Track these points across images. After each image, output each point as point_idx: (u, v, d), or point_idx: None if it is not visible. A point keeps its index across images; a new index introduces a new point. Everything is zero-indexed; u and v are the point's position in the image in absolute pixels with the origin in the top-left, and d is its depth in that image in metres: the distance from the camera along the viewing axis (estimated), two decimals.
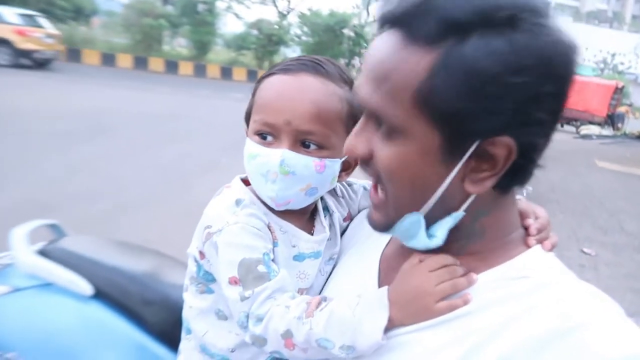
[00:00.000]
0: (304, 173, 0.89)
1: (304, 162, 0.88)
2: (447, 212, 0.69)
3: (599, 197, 8.22)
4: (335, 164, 0.93)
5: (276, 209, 0.92)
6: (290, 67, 0.92)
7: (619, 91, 20.40)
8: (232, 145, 8.06)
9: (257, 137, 0.91)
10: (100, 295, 1.42)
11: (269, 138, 0.90)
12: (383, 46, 0.64)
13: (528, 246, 0.74)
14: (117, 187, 5.53)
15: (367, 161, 0.70)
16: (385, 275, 0.81)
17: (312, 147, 0.89)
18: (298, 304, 0.80)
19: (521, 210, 0.78)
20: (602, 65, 43.97)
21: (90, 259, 1.49)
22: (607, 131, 19.50)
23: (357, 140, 0.70)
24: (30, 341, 1.37)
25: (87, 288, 1.41)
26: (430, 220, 0.70)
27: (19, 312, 1.40)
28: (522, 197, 0.79)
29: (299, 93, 0.88)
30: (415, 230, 0.70)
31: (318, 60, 0.93)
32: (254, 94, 0.96)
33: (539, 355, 0.59)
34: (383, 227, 0.74)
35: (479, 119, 0.60)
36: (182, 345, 1.06)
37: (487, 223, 0.71)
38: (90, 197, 5.06)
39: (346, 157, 0.93)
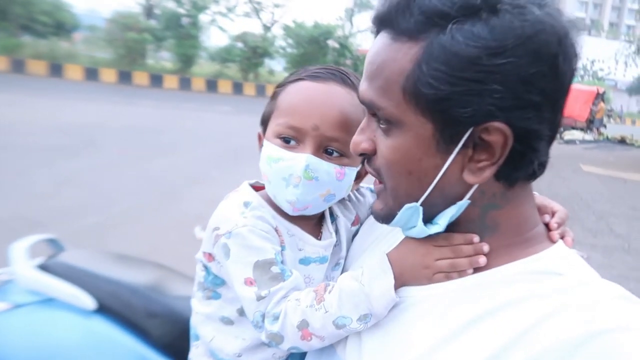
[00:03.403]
0: (325, 179, 0.90)
1: (327, 169, 0.89)
2: (450, 204, 0.69)
3: (587, 201, 8.33)
4: (353, 173, 0.94)
5: (292, 213, 0.93)
6: (319, 75, 0.93)
7: (599, 97, 20.78)
8: (220, 157, 8.14)
9: (278, 141, 0.91)
10: (103, 309, 1.40)
11: (292, 142, 0.90)
12: (375, 47, 0.68)
13: (552, 242, 0.73)
14: (106, 200, 5.49)
15: (370, 157, 0.73)
16: None
17: (335, 154, 0.91)
18: (307, 294, 0.82)
19: (538, 205, 0.78)
20: (582, 72, 44.85)
21: (92, 273, 1.47)
22: (590, 136, 19.84)
23: (361, 137, 0.73)
24: (32, 358, 1.34)
25: (89, 302, 1.38)
26: (434, 212, 0.71)
27: (21, 329, 1.37)
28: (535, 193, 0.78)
29: (328, 100, 0.90)
30: (414, 220, 0.71)
31: (345, 72, 0.95)
32: (274, 97, 0.97)
33: (571, 358, 0.57)
34: (383, 217, 0.75)
35: (465, 104, 0.60)
36: (192, 352, 1.06)
37: (500, 217, 0.70)
38: (79, 211, 5.00)
39: (359, 167, 0.96)
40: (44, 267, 1.45)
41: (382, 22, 0.67)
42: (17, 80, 16.63)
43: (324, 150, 0.90)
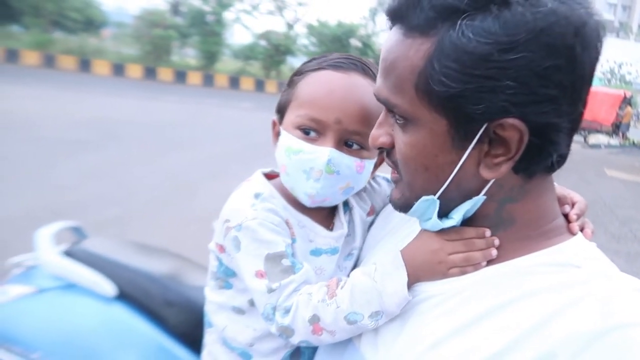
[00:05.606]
0: (346, 173, 0.89)
1: (348, 162, 0.89)
2: (467, 198, 0.69)
3: (610, 206, 8.15)
4: (371, 165, 0.94)
5: (310, 205, 0.93)
6: (341, 65, 0.91)
7: (626, 101, 20.31)
8: (240, 153, 8.18)
9: (298, 132, 0.90)
10: (123, 296, 1.43)
11: (313, 134, 0.89)
12: (388, 42, 0.67)
13: (572, 233, 0.72)
14: (127, 193, 5.57)
15: (389, 150, 0.74)
16: None
17: (355, 147, 0.90)
18: (319, 289, 0.81)
19: (558, 196, 0.76)
20: (609, 75, 43.79)
21: (113, 261, 1.50)
22: (616, 140, 19.41)
23: (380, 131, 0.74)
24: (54, 342, 1.38)
25: (110, 289, 1.42)
26: (451, 206, 0.70)
27: (43, 313, 1.42)
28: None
29: (350, 92, 0.88)
30: (430, 212, 0.71)
31: (365, 62, 0.93)
32: (292, 85, 0.95)
33: (584, 353, 0.56)
34: (401, 206, 0.75)
35: (478, 101, 0.59)
36: (206, 338, 1.07)
37: (516, 211, 0.70)
38: (101, 203, 5.09)
39: (377, 158, 0.95)
40: (67, 254, 1.49)
41: (394, 17, 0.67)
42: (48, 75, 16.95)
43: (344, 142, 0.89)
